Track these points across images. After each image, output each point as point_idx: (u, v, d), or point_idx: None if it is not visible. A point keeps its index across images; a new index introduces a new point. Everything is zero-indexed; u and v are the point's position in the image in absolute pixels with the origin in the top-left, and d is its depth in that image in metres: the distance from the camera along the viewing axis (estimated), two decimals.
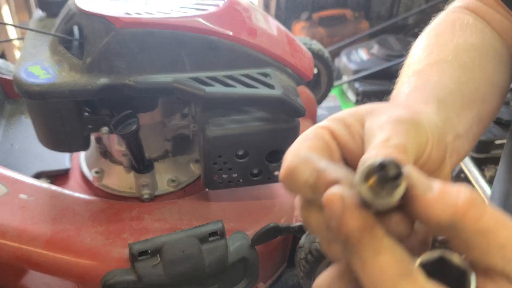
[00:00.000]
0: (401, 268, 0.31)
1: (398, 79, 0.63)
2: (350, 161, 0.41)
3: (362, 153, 0.39)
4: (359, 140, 0.41)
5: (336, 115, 0.43)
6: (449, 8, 0.75)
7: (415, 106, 0.51)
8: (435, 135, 0.43)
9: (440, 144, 0.44)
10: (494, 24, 0.70)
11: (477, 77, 0.61)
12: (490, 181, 1.66)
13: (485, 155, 1.75)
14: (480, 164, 1.75)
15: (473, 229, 0.31)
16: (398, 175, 0.30)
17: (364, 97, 2.51)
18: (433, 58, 0.62)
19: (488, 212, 0.32)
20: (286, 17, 3.15)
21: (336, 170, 0.35)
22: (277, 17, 3.08)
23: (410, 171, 0.33)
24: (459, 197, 0.32)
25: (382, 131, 0.40)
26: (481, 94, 0.60)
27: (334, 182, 0.34)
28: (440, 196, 0.32)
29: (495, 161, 1.74)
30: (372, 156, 0.36)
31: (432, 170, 0.44)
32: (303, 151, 0.38)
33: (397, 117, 0.41)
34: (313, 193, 0.36)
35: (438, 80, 0.57)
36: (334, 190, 0.32)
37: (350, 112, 0.44)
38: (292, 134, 0.97)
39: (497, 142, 1.71)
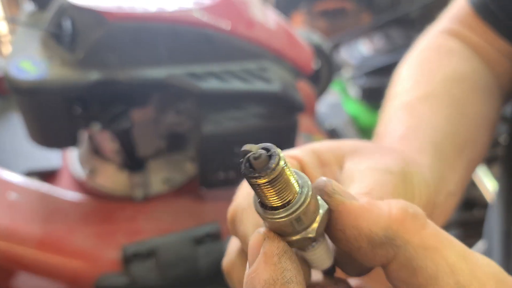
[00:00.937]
0: None
1: (383, 109, 0.59)
2: None
3: None
4: None
5: (314, 146, 0.40)
6: (430, 34, 0.71)
7: (409, 155, 0.45)
8: (423, 196, 0.40)
9: (427, 207, 0.41)
10: (479, 51, 0.67)
11: (469, 113, 0.57)
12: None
13: (491, 153, 1.73)
14: (488, 162, 1.74)
15: (415, 244, 0.28)
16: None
17: (364, 91, 2.49)
18: (422, 91, 0.58)
19: (430, 227, 0.28)
20: (286, 8, 3.13)
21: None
22: (277, 8, 3.05)
23: (334, 187, 0.30)
24: (391, 207, 0.29)
25: (363, 179, 0.36)
26: (472, 135, 0.56)
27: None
28: (369, 204, 0.29)
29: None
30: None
31: None
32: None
33: (385, 167, 0.38)
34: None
35: (430, 119, 0.53)
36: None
37: (330, 147, 0.40)
38: (291, 131, 0.95)
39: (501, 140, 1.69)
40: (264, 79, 0.91)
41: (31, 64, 0.90)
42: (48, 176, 1.13)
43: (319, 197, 0.31)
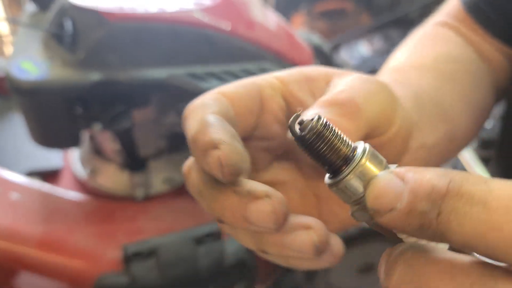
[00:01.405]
0: None
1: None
2: None
3: None
4: (318, 98, 0.37)
5: (302, 68, 0.40)
6: (426, 25, 0.71)
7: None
8: (406, 119, 0.40)
9: (404, 136, 0.40)
10: (474, 44, 0.66)
11: (456, 91, 0.57)
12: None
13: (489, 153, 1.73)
14: (485, 161, 1.74)
15: (464, 201, 0.25)
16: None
17: None
18: (415, 62, 0.58)
19: (471, 178, 0.26)
20: (285, 10, 3.13)
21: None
22: (276, 9, 3.06)
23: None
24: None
25: (347, 82, 0.37)
26: (457, 111, 0.55)
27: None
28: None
29: None
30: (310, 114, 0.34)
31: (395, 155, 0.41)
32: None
33: (367, 77, 0.38)
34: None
35: (418, 82, 0.52)
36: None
37: (318, 68, 0.40)
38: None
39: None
40: None
41: (32, 65, 0.90)
42: (49, 176, 1.13)
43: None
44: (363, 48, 2.66)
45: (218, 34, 0.92)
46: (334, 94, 0.35)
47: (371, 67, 2.49)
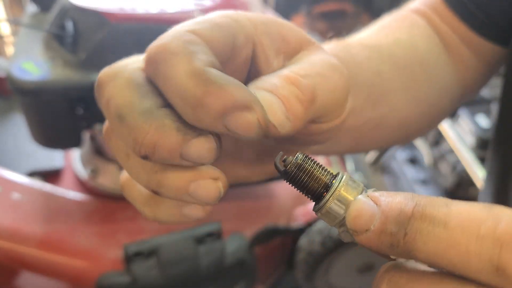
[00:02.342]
0: None
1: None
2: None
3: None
4: (282, 60, 0.39)
5: (280, 22, 0.39)
6: (403, 9, 0.71)
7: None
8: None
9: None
10: (443, 35, 0.66)
11: (402, 79, 0.57)
12: None
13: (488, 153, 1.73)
14: (484, 161, 1.74)
15: (427, 222, 0.27)
16: None
17: None
18: (369, 41, 0.58)
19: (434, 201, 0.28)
20: (285, 11, 3.13)
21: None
22: (276, 10, 3.06)
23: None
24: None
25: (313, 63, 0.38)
26: (397, 98, 0.56)
27: None
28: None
29: None
30: None
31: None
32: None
33: (332, 64, 0.38)
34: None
35: (359, 61, 0.52)
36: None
37: (294, 30, 0.39)
38: None
39: None
40: None
41: (34, 65, 0.90)
42: (50, 176, 1.13)
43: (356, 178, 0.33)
44: None
45: None
46: (297, 73, 0.35)
47: None
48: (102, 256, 0.95)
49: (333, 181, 0.32)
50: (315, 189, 0.33)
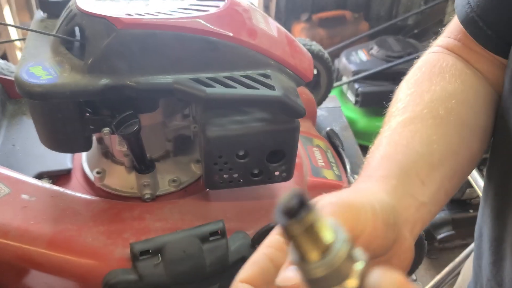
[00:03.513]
0: None
1: (382, 126, 0.63)
2: None
3: None
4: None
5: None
6: (431, 48, 0.74)
7: (368, 187, 0.52)
8: (379, 218, 0.44)
9: (387, 226, 0.45)
10: (473, 62, 0.69)
11: (452, 130, 0.61)
12: None
13: (484, 155, 1.75)
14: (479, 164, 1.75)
15: None
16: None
17: (363, 98, 2.52)
18: (409, 113, 0.62)
19: None
20: (286, 18, 3.15)
21: None
22: (277, 18, 3.08)
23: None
24: None
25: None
26: (454, 147, 0.60)
27: None
28: None
29: None
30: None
31: (382, 248, 0.45)
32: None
33: (336, 200, 0.43)
34: None
35: (407, 144, 0.57)
36: None
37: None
38: (292, 135, 0.97)
39: None
40: (267, 86, 0.93)
41: (42, 69, 0.91)
42: (58, 177, 1.15)
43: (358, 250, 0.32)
44: (361, 55, 2.69)
45: (222, 41, 0.93)
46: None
47: (368, 73, 2.53)
48: (109, 255, 0.96)
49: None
50: None
